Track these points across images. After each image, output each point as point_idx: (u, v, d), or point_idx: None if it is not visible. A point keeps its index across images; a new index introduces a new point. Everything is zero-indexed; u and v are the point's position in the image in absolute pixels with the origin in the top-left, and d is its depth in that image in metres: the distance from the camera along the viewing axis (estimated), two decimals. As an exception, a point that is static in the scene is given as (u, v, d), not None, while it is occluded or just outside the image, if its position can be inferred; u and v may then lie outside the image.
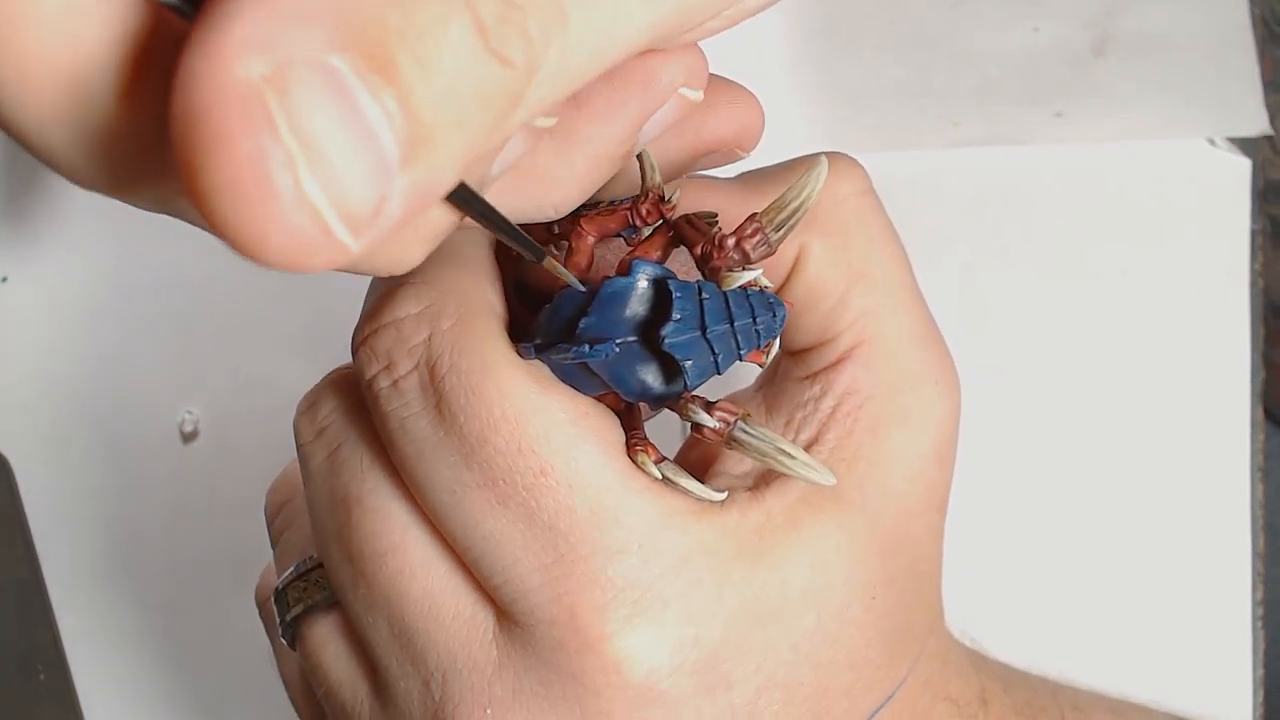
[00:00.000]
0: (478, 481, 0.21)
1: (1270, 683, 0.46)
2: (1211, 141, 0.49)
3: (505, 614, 0.22)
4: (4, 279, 0.51)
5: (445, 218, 0.17)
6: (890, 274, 0.25)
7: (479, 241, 0.24)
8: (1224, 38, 0.47)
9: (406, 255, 0.17)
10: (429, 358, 0.22)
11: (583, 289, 0.22)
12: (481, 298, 0.22)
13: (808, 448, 0.24)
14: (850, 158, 0.25)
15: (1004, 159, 0.50)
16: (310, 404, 0.25)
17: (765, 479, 0.24)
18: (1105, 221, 0.49)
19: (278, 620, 0.27)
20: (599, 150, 0.20)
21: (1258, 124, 0.48)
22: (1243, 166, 0.49)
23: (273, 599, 0.28)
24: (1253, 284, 0.48)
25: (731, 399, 0.25)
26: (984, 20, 0.48)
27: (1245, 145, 0.49)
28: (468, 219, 0.17)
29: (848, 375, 0.24)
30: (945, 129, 0.49)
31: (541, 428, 0.21)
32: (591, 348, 0.21)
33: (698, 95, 0.21)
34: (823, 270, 0.24)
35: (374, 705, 0.24)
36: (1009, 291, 0.49)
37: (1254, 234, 0.48)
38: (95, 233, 0.51)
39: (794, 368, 0.26)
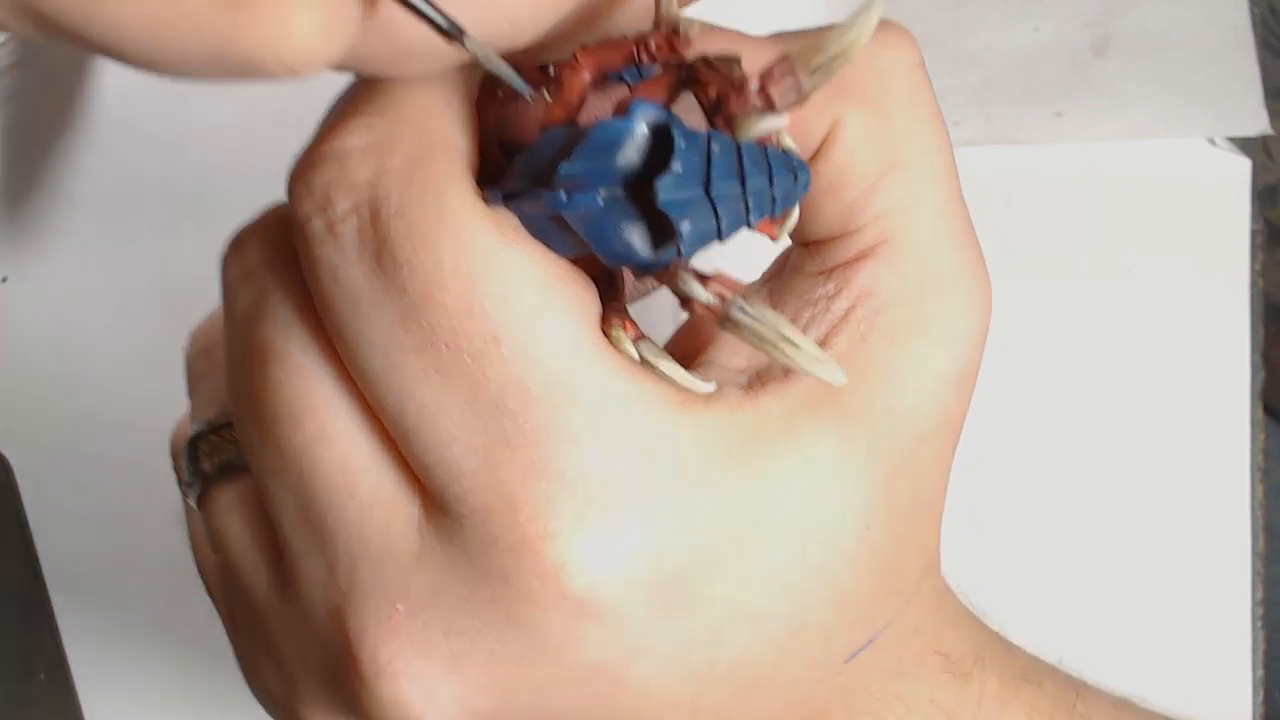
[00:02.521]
0: (416, 345, 0.18)
1: (1270, 683, 0.46)
2: (1212, 141, 0.49)
3: (434, 500, 0.19)
4: (4, 279, 0.51)
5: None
6: (933, 165, 0.22)
7: (453, 80, 0.20)
8: (1224, 37, 0.47)
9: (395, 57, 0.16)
10: (373, 198, 0.19)
11: (528, 90, 0.18)
12: (444, 133, 0.19)
13: None
14: (902, 27, 0.22)
15: (1004, 159, 0.50)
16: (240, 242, 0.22)
17: (762, 379, 0.21)
18: (1106, 221, 0.49)
19: (185, 476, 0.25)
20: None
21: (1258, 124, 0.48)
22: (1243, 167, 0.49)
23: (184, 452, 0.25)
24: (1253, 284, 0.48)
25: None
26: (985, 20, 0.48)
27: (1245, 145, 0.49)
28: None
29: (868, 274, 0.21)
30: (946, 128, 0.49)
31: (500, 287, 0.18)
32: (570, 197, 0.17)
33: None
34: (856, 149, 0.21)
35: (272, 586, 0.22)
36: (1009, 291, 0.49)
37: (1254, 234, 0.48)
38: (95, 233, 0.51)
39: (808, 261, 0.22)
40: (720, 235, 0.18)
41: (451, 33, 0.17)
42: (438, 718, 0.19)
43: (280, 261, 0.21)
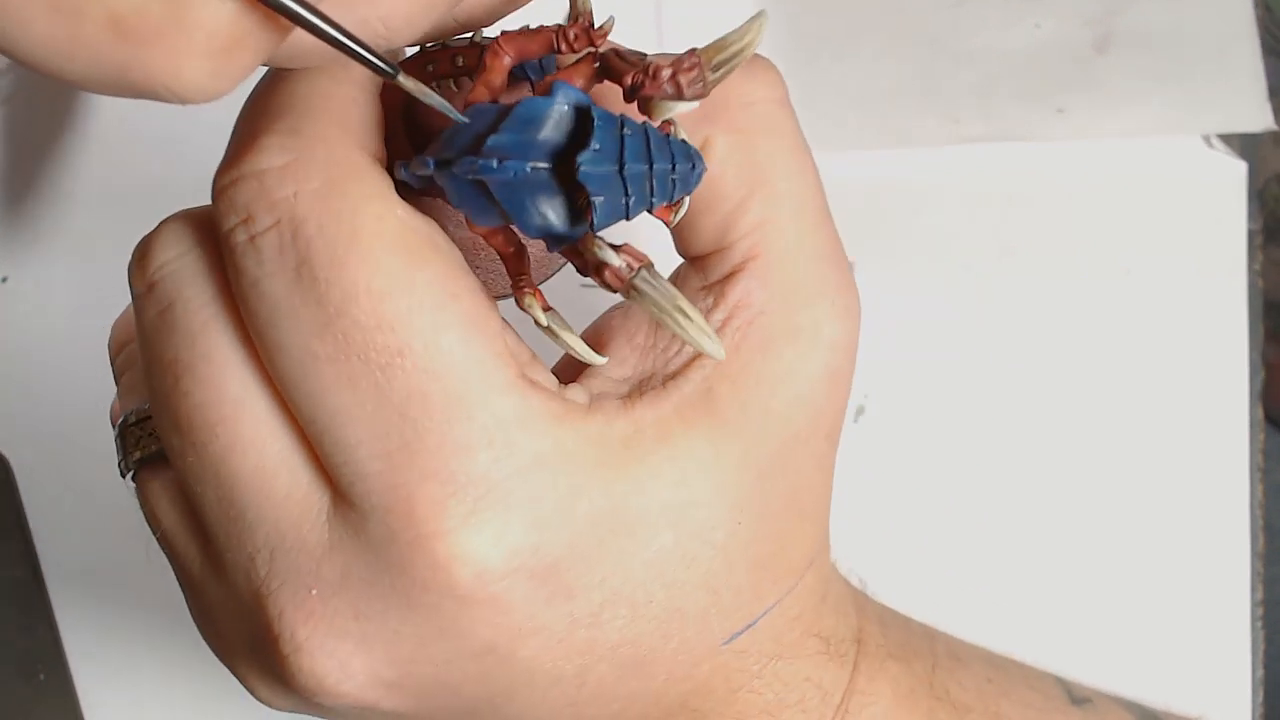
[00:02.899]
0: (330, 354, 0.20)
1: (1270, 683, 0.46)
2: (1208, 142, 0.49)
3: (342, 496, 0.21)
4: (4, 279, 0.51)
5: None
6: (795, 187, 0.24)
7: (360, 82, 0.22)
8: (1227, 33, 0.47)
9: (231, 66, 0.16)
10: (293, 218, 0.20)
11: (463, 119, 0.20)
12: (356, 148, 0.21)
13: (692, 361, 0.23)
14: (769, 62, 0.24)
15: (1006, 156, 0.50)
16: (142, 253, 0.23)
17: (641, 389, 0.23)
18: (1105, 221, 0.49)
19: (118, 458, 0.26)
20: None
21: (1261, 120, 0.48)
22: (1239, 168, 0.49)
23: (115, 434, 0.27)
24: (1251, 284, 0.48)
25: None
26: (985, 19, 0.48)
27: (1244, 147, 0.49)
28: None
29: (740, 288, 0.23)
30: (946, 126, 0.49)
31: (405, 306, 0.20)
32: (500, 164, 0.19)
33: None
34: (724, 169, 0.23)
35: (204, 567, 0.24)
36: (1009, 289, 0.49)
37: (1251, 234, 0.48)
38: (95, 233, 0.51)
39: (692, 276, 0.25)
40: (628, 213, 0.20)
41: (386, 72, 0.18)
42: (349, 687, 0.22)
43: (184, 273, 0.22)
